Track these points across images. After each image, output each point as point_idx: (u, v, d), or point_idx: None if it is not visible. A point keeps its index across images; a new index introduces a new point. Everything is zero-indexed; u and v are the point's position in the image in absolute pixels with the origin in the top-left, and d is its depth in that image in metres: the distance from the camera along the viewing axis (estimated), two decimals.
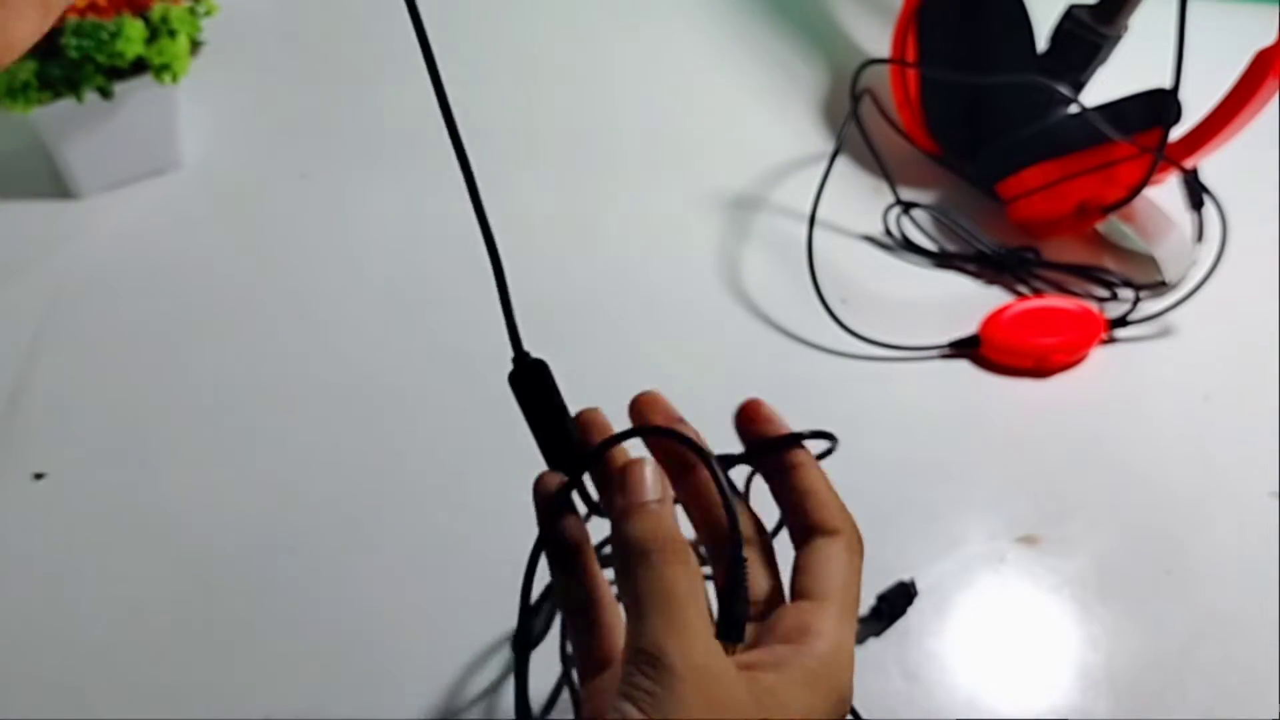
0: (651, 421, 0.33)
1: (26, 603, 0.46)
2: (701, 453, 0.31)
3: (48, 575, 0.47)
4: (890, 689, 0.46)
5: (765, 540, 0.32)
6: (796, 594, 0.31)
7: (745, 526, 0.31)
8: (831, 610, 0.30)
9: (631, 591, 0.29)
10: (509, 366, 0.32)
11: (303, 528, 0.49)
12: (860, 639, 0.47)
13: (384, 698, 0.44)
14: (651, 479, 0.31)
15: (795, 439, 0.32)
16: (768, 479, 0.33)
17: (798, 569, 0.31)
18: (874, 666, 0.47)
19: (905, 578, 0.48)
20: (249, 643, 0.45)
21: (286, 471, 0.51)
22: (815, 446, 0.33)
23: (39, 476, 0.50)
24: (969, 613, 0.49)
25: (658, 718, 0.26)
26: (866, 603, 0.48)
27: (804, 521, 0.32)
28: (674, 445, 0.31)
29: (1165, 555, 0.51)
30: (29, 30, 0.29)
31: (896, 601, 0.48)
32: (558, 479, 0.31)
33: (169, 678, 0.44)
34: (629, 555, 0.29)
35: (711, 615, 0.29)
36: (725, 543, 0.30)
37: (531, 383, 0.31)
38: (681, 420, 0.33)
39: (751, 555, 0.31)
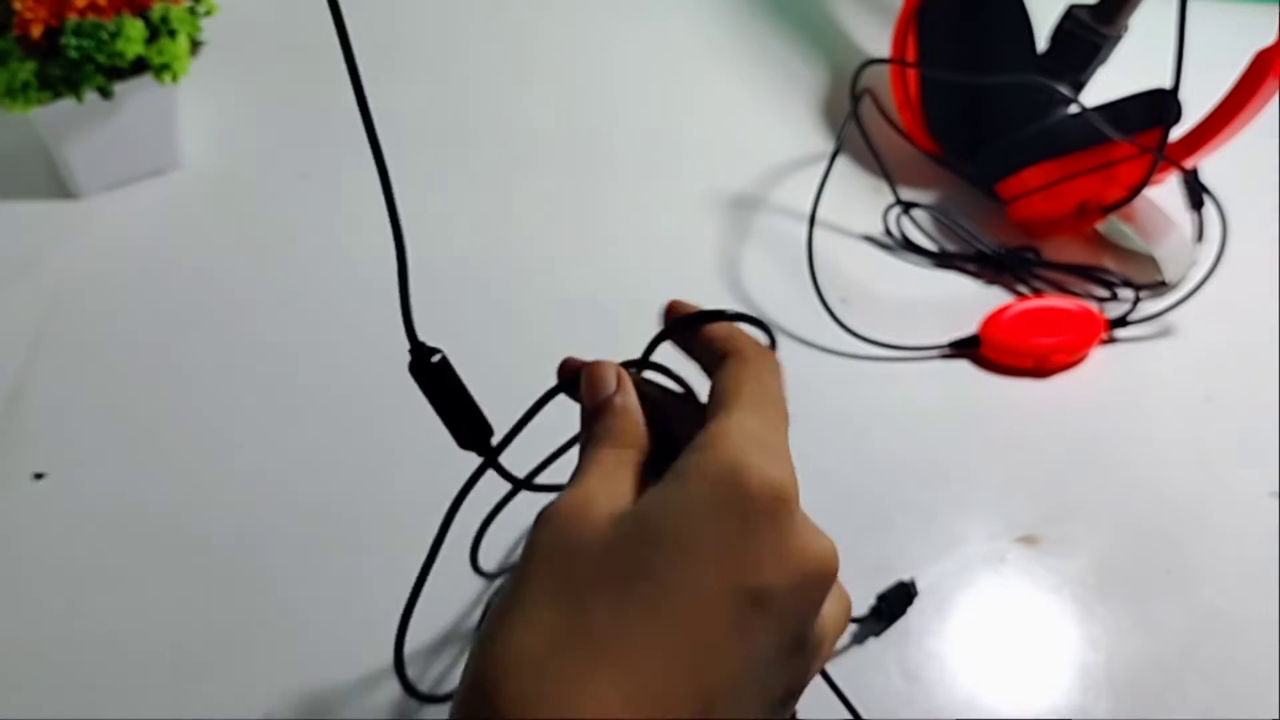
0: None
1: (26, 603, 0.46)
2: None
3: (47, 575, 0.47)
4: (890, 689, 0.46)
5: None
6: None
7: None
8: (723, 415, 0.27)
9: None
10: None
11: (303, 528, 0.49)
12: (860, 639, 0.47)
13: (385, 697, 0.44)
14: (602, 376, 0.30)
15: (712, 316, 0.32)
16: (694, 358, 0.32)
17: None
18: (874, 666, 0.47)
19: (905, 578, 0.48)
20: (249, 643, 0.45)
21: (286, 472, 0.51)
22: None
23: (39, 476, 0.50)
24: (969, 613, 0.49)
25: (518, 564, 0.25)
26: (866, 602, 0.48)
27: (708, 368, 0.30)
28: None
29: (1165, 555, 0.51)
30: None
31: (896, 601, 0.48)
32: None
33: (169, 677, 0.44)
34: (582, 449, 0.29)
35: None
36: None
37: (433, 374, 0.33)
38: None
39: None
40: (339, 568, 0.48)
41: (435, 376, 0.33)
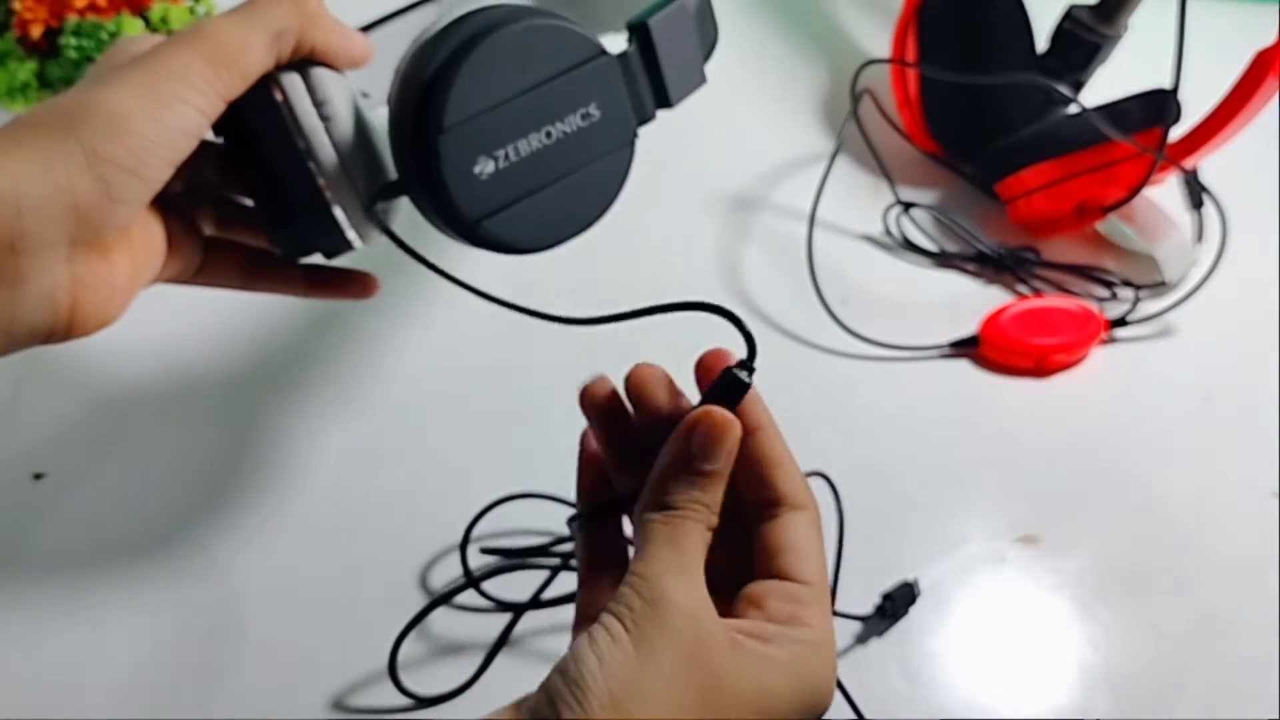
0: (653, 398, 0.35)
1: (26, 604, 0.46)
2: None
3: (47, 576, 0.47)
4: (890, 689, 0.46)
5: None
6: (778, 571, 0.30)
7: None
8: (818, 596, 0.30)
9: (646, 534, 0.30)
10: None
11: (303, 529, 0.49)
12: (862, 639, 0.47)
13: (387, 698, 0.44)
14: (725, 436, 0.31)
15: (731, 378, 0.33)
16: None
17: (775, 546, 0.31)
18: (874, 666, 0.47)
19: (909, 577, 0.48)
20: (250, 643, 0.46)
21: (287, 472, 0.51)
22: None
23: (39, 476, 0.50)
24: (969, 613, 0.49)
25: (636, 633, 0.27)
26: (870, 601, 0.48)
27: (771, 494, 0.31)
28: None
29: (1165, 555, 0.51)
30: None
31: (900, 601, 0.48)
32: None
33: (169, 678, 0.44)
34: (656, 504, 0.30)
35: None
36: None
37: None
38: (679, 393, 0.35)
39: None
40: (337, 567, 0.48)
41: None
